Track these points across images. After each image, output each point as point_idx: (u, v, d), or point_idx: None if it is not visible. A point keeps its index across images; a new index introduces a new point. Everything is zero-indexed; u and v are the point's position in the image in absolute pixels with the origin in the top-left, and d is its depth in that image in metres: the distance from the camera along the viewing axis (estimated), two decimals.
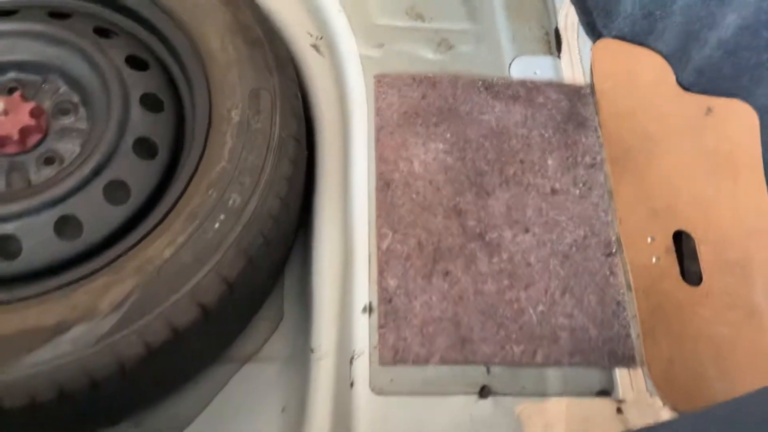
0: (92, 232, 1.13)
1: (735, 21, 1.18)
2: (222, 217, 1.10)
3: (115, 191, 1.18)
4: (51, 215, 1.11)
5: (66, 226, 1.12)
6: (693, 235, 1.25)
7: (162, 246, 1.07)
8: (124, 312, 1.02)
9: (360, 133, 1.25)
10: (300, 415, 1.24)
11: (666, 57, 1.36)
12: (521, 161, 1.24)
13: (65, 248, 1.11)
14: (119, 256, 1.08)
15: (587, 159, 1.27)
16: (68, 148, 1.23)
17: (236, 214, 1.11)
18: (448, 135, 1.25)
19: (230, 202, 1.12)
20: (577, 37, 1.40)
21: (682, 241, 1.25)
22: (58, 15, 1.30)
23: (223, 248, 1.09)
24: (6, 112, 1.18)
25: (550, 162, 1.25)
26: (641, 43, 1.36)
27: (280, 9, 1.43)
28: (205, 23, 1.28)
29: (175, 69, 1.31)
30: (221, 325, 1.14)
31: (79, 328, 1.00)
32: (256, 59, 1.26)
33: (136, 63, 1.27)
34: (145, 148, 1.20)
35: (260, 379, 1.31)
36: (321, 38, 1.41)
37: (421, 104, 1.28)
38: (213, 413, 1.27)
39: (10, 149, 1.20)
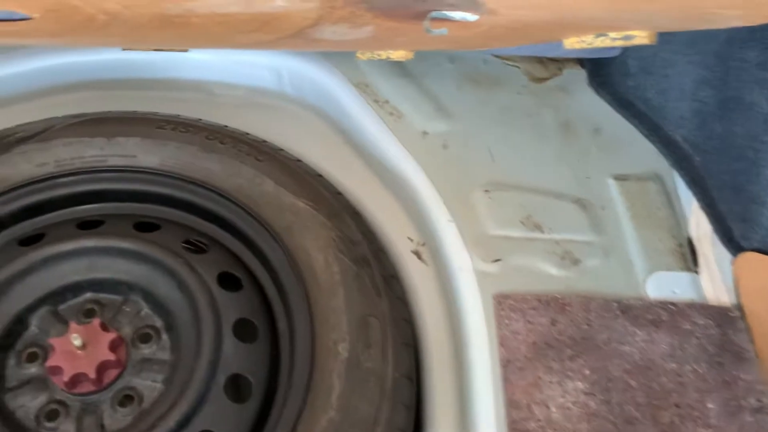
0: None
1: None
2: None
3: None
4: None
5: None
6: None
7: None
8: None
9: (482, 368, 1.07)
10: None
11: None
12: (676, 405, 1.05)
13: None
14: None
15: (752, 401, 1.07)
16: (148, 384, 1.07)
17: None
18: (587, 371, 1.08)
19: None
20: (714, 248, 1.25)
21: None
22: (145, 226, 1.20)
23: None
24: (84, 346, 1.04)
25: (710, 406, 1.06)
26: None
27: (375, 211, 1.32)
28: (306, 237, 1.16)
29: (269, 288, 1.17)
30: None
31: None
32: (363, 280, 1.12)
33: (228, 281, 1.14)
34: (237, 388, 1.04)
35: None
36: (423, 245, 1.28)
37: (551, 332, 1.11)
38: None
39: (84, 388, 1.04)
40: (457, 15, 0.79)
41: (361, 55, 1.27)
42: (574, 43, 1.04)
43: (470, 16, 0.79)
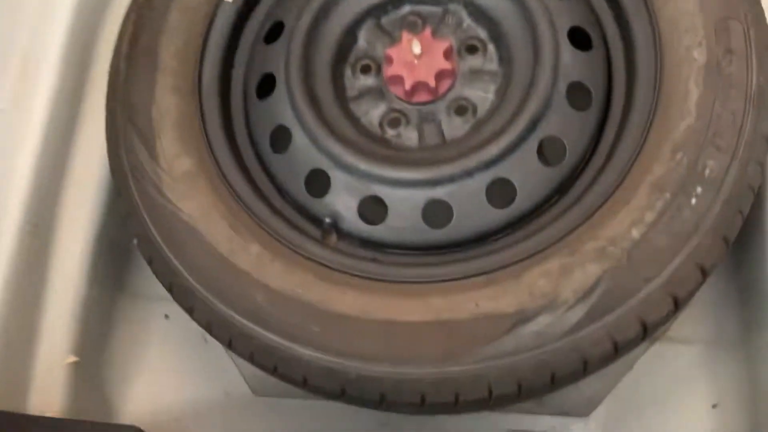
0: (525, 199, 0.98)
1: None
2: (699, 190, 0.89)
3: (549, 150, 1.01)
4: (484, 178, 0.97)
5: (498, 191, 0.98)
6: None
7: (626, 224, 0.89)
8: (591, 304, 0.87)
9: None
10: (744, 419, 1.06)
11: None
12: None
13: (497, 216, 0.98)
14: (569, 233, 0.92)
15: None
16: (479, 95, 1.07)
17: (715, 187, 0.88)
18: None
19: (706, 171, 0.90)
20: None
21: None
22: None
23: (702, 231, 0.87)
24: (420, 55, 1.05)
25: None
26: None
27: None
28: None
29: None
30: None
31: (542, 319, 0.87)
32: None
33: None
34: (578, 96, 1.01)
35: (675, 362, 1.14)
36: None
37: None
38: (621, 397, 1.13)
39: (421, 97, 1.06)
40: None
41: None
42: None
43: None
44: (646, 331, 0.87)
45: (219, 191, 1.01)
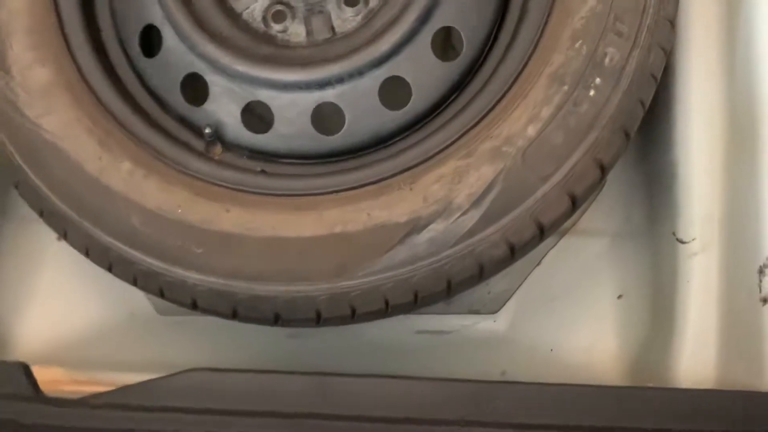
0: (421, 98, 0.91)
1: None
2: (598, 81, 0.83)
3: (445, 43, 0.94)
4: (376, 77, 0.89)
5: (392, 90, 0.91)
6: None
7: (522, 121, 0.83)
8: (486, 208, 0.83)
9: None
10: (647, 309, 1.06)
11: None
12: None
13: (392, 119, 0.91)
14: (465, 133, 0.87)
15: None
16: None
17: (614, 77, 0.83)
18: None
19: (606, 59, 0.84)
20: None
21: None
22: None
23: (600, 124, 0.83)
24: None
25: None
26: None
27: None
28: None
29: None
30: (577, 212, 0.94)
31: (436, 226, 0.83)
32: None
33: None
34: None
35: (583, 255, 1.13)
36: None
37: None
38: (530, 292, 1.13)
39: None
40: None
41: None
42: None
43: None
44: (543, 232, 0.85)
45: (83, 104, 0.90)
